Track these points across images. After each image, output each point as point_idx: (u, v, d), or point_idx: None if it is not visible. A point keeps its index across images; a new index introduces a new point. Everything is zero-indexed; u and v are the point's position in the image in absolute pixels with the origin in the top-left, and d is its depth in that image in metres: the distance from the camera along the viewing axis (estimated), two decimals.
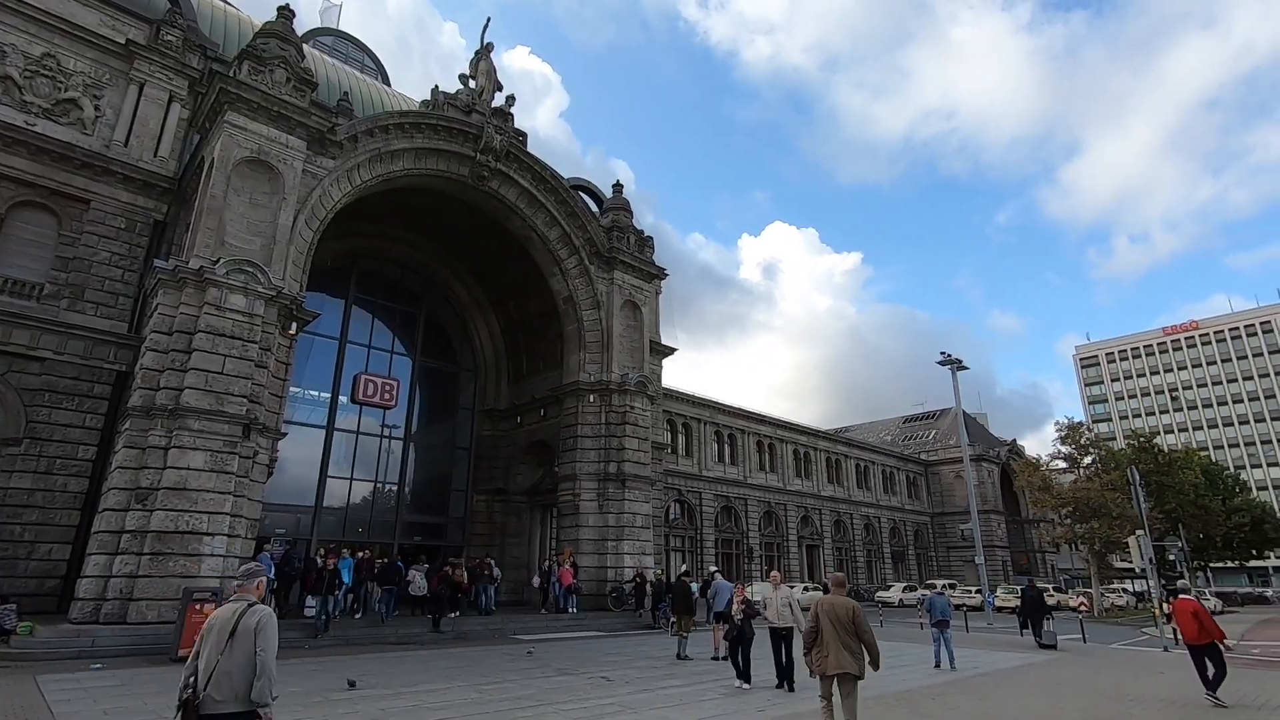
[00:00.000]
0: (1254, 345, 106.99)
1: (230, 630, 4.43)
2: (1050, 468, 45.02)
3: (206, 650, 4.42)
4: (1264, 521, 57.29)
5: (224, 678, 4.33)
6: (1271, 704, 11.02)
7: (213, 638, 4.45)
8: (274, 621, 4.62)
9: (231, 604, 4.66)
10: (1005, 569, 62.14)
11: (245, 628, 4.45)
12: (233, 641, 4.40)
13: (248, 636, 4.43)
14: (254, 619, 4.50)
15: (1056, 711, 10.28)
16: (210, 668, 4.34)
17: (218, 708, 4.28)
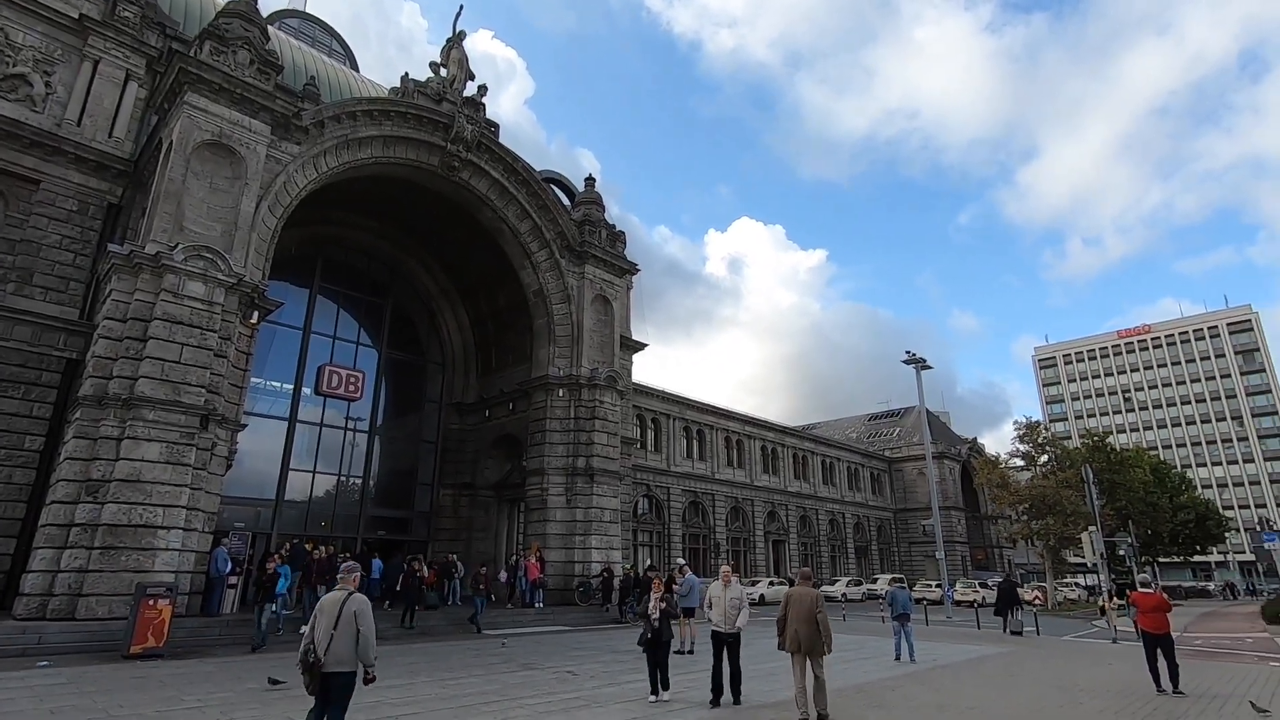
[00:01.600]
0: (1201, 349, 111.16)
1: (337, 613, 5.95)
2: (1008, 465, 46.27)
3: (320, 628, 5.93)
4: (1207, 518, 59.66)
5: (338, 647, 5.88)
6: (1211, 693, 11.50)
7: (324, 619, 5.97)
8: (369, 606, 6.20)
9: (337, 592, 6.18)
10: (964, 564, 63.68)
11: (348, 612, 5.98)
12: (340, 621, 5.92)
13: (350, 619, 5.96)
14: (354, 606, 6.03)
15: (1009, 702, 10.58)
16: (325, 641, 5.88)
17: (336, 668, 5.89)
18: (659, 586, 10.72)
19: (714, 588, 10.01)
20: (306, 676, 5.92)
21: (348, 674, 5.97)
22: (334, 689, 5.93)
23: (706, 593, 10.29)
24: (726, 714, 9.23)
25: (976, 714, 9.51)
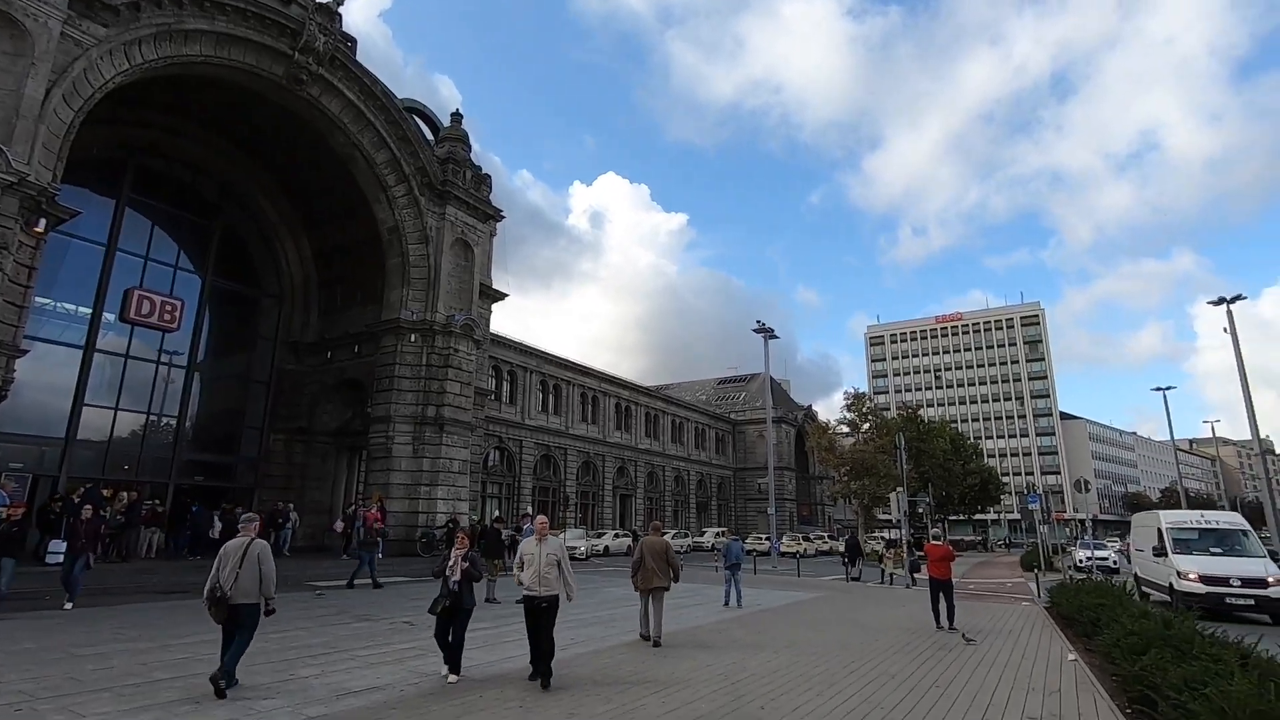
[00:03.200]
0: (999, 338, 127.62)
1: (241, 556, 7.08)
2: (836, 431, 50.80)
3: (226, 569, 7.01)
4: (989, 483, 69.47)
5: (243, 584, 6.98)
6: (975, 628, 13.49)
7: (230, 561, 7.04)
8: (270, 550, 7.43)
9: (239, 539, 7.27)
10: (792, 519, 69.56)
11: (251, 555, 7.11)
12: (244, 562, 7.05)
13: (254, 560, 7.11)
14: (256, 550, 7.19)
15: (818, 638, 11.78)
16: (231, 579, 6.95)
17: (242, 600, 6.99)
18: (463, 542, 8.28)
19: (526, 543, 8.27)
20: (214, 609, 6.99)
21: (252, 605, 7.11)
22: (242, 617, 7.05)
23: (518, 550, 8.45)
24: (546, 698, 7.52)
25: (788, 649, 10.49)
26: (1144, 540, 20.12)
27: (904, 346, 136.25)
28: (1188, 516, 19.83)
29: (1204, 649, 6.92)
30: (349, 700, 6.95)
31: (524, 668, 8.23)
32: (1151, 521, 19.99)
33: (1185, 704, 5.20)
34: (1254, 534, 18.08)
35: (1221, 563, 16.17)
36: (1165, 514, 20.12)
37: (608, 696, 7.33)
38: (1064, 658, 10.43)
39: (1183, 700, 5.29)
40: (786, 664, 9.45)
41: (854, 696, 7.68)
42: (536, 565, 7.88)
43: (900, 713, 7.06)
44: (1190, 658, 6.54)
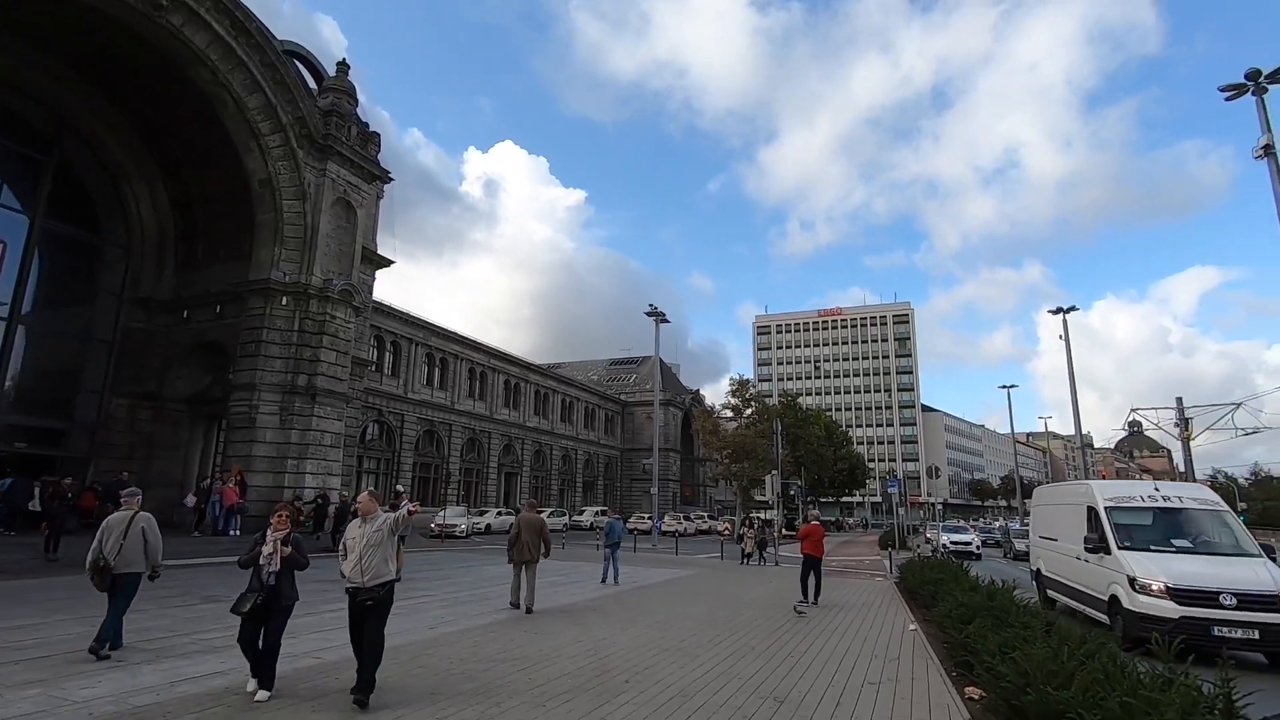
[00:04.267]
0: (874, 334, 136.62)
1: (126, 528, 7.42)
2: (720, 416, 52.60)
3: (110, 540, 7.33)
4: (856, 468, 74.54)
5: (126, 554, 7.36)
6: (834, 602, 14.47)
7: (114, 532, 7.38)
8: (154, 521, 7.79)
9: (123, 512, 7.59)
10: (675, 500, 71.53)
11: (135, 527, 7.48)
12: (129, 534, 7.40)
13: (138, 532, 7.49)
14: (141, 523, 7.56)
15: (688, 614, 12.21)
16: (115, 549, 7.30)
17: (125, 569, 7.35)
18: (281, 522, 6.51)
19: (351, 526, 6.52)
20: (97, 578, 7.33)
21: (135, 574, 7.48)
22: (123, 586, 7.41)
23: (344, 535, 6.60)
24: None
25: (658, 625, 10.80)
26: (1054, 525, 14.71)
27: (789, 337, 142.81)
28: (1136, 490, 13.01)
29: (1018, 618, 7.77)
30: (184, 687, 6.44)
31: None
32: (1073, 496, 14.01)
33: (996, 666, 5.84)
34: (1235, 517, 12.66)
35: (1201, 568, 10.62)
36: (1099, 485, 13.32)
37: (472, 674, 7.24)
38: (906, 628, 11.39)
39: (994, 663, 5.94)
40: (655, 638, 9.71)
41: (715, 668, 8.02)
42: (358, 552, 6.21)
43: (756, 682, 7.45)
44: (1006, 626, 7.33)
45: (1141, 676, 4.99)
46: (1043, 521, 16.14)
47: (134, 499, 7.81)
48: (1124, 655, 5.80)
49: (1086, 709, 4.33)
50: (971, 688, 7.06)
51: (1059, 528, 14.40)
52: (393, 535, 6.40)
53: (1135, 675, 5.04)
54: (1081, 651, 5.68)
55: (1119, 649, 6.26)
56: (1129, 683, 4.79)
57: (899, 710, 6.56)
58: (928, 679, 7.86)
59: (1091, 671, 5.00)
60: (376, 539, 6.24)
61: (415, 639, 9.02)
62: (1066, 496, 14.90)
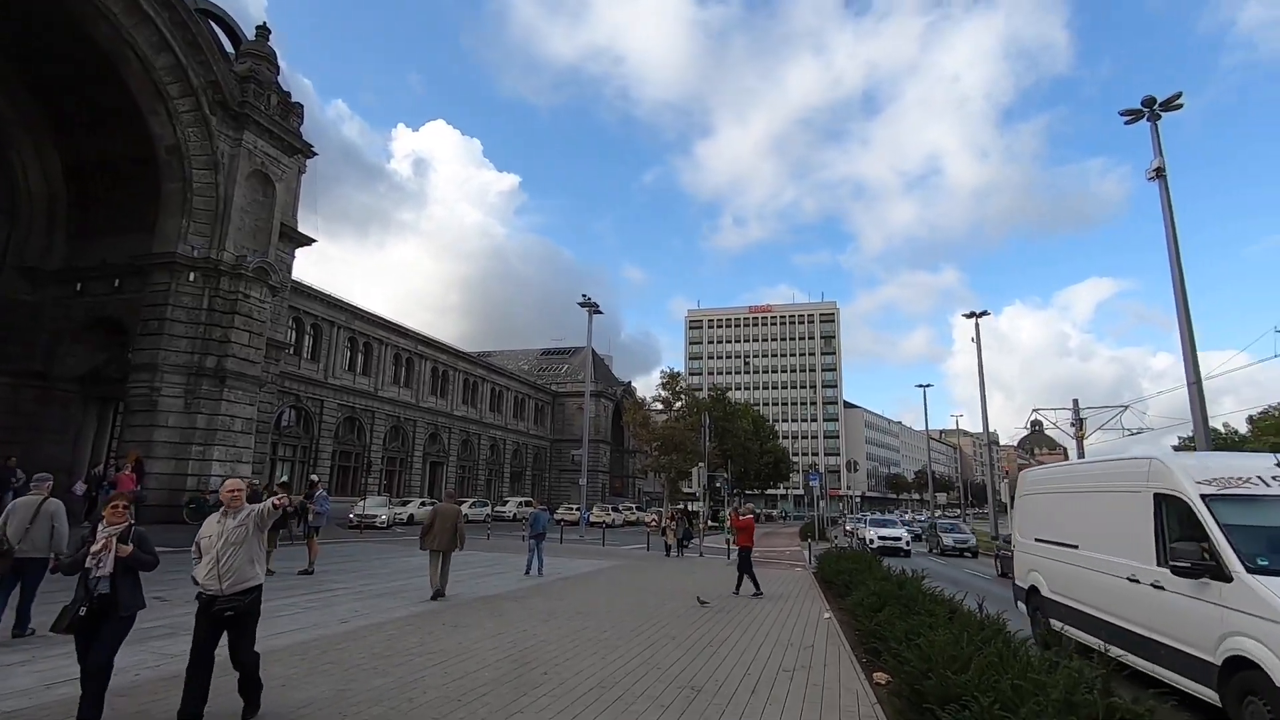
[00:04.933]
0: (801, 331, 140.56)
1: (34, 513, 7.49)
2: (651, 408, 52.95)
3: (15, 523, 7.37)
4: (781, 462, 76.61)
5: (33, 539, 7.41)
6: (762, 593, 14.80)
7: (19, 516, 7.44)
8: (64, 508, 7.80)
9: (32, 497, 7.70)
10: (604, 491, 71.66)
11: (45, 512, 7.56)
12: (36, 519, 7.47)
13: (47, 517, 7.57)
14: (50, 508, 7.63)
15: (610, 604, 12.24)
16: (20, 533, 7.34)
17: (29, 554, 7.39)
18: (117, 514, 5.17)
19: (208, 522, 5.43)
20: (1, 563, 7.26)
21: (38, 560, 7.43)
22: (28, 572, 7.51)
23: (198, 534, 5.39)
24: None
25: (580, 616, 10.77)
26: (1069, 523, 9.76)
27: (720, 332, 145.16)
28: (1248, 466, 7.49)
29: (925, 606, 8.15)
30: (64, 689, 5.96)
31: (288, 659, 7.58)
32: (1119, 479, 8.62)
33: (902, 652, 6.09)
34: None
35: None
36: (1179, 461, 8.05)
37: (385, 669, 7.00)
38: (821, 616, 11.78)
39: (901, 649, 6.20)
40: (576, 630, 9.68)
41: (635, 658, 8.05)
42: (214, 551, 5.18)
43: (675, 671, 7.52)
44: (913, 613, 7.67)
45: (1032, 660, 5.31)
46: (1043, 517, 10.69)
47: (44, 484, 7.89)
48: (1017, 639, 6.16)
49: (981, 691, 4.56)
50: (879, 673, 7.35)
51: (1082, 527, 9.29)
52: (260, 531, 5.41)
53: (1026, 659, 5.35)
54: (980, 637, 6.00)
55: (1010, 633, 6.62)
56: (1020, 666, 5.09)
57: (810, 696, 6.76)
58: (839, 665, 8.15)
59: (987, 656, 5.28)
60: (238, 536, 5.21)
61: (326, 633, 8.67)
62: (1104, 479, 9.09)
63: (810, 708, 6.38)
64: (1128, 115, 21.90)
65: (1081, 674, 4.75)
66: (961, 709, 4.50)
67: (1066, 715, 4.12)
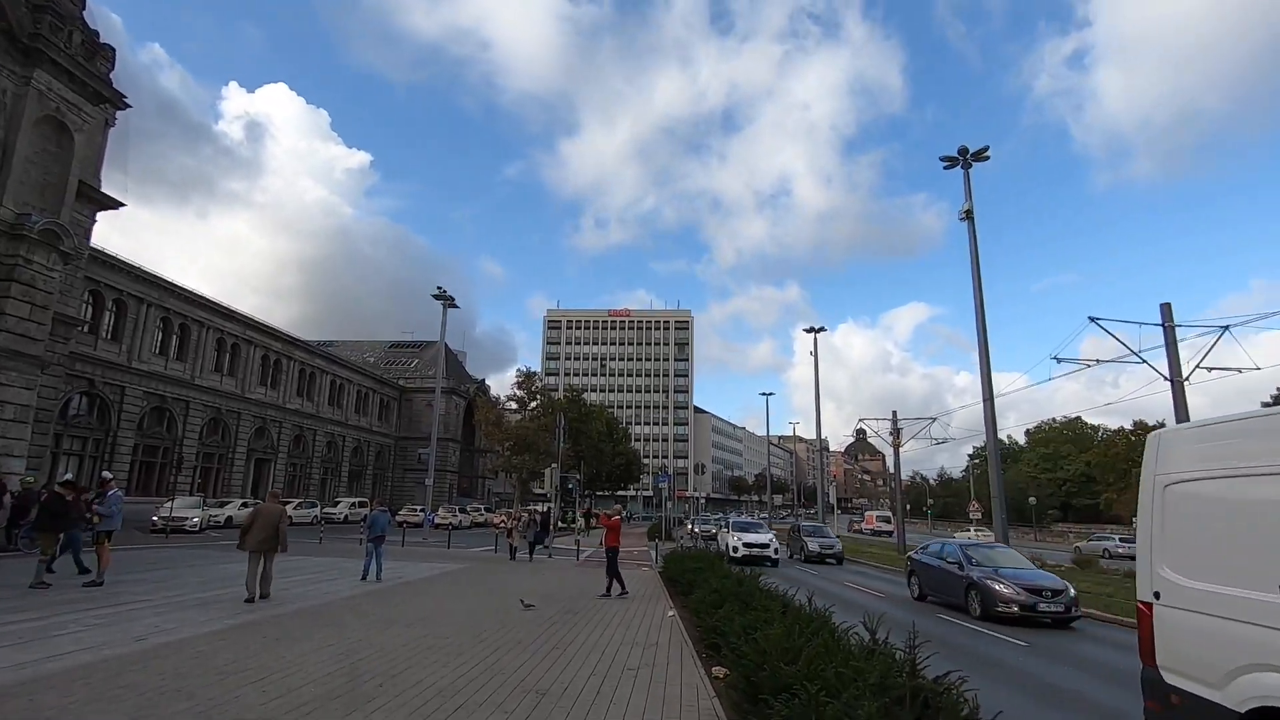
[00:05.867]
0: (657, 337, 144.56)
1: None
2: (505, 407, 51.97)
3: None
4: (633, 463, 78.27)
5: None
6: (599, 591, 14.95)
7: None
8: None
9: None
10: (451, 491, 69.16)
11: None
12: None
13: None
14: None
15: (456, 610, 11.81)
16: None
17: None
18: None
19: None
20: None
21: None
22: None
23: None
24: None
25: (422, 622, 10.29)
26: None
27: (578, 333, 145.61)
28: None
29: (761, 602, 8.64)
30: None
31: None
32: None
33: (739, 646, 6.43)
34: None
35: None
36: None
37: (191, 691, 6.25)
38: (665, 615, 12.13)
39: (738, 644, 6.53)
40: (417, 637, 9.23)
41: (479, 664, 7.81)
42: None
43: (520, 676, 7.39)
44: (750, 609, 8.11)
45: (853, 648, 5.81)
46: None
47: None
48: (841, 630, 6.72)
49: (809, 680, 4.92)
50: (718, 667, 7.70)
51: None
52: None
53: (848, 647, 5.85)
54: (810, 629, 6.46)
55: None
56: (843, 654, 5.55)
57: (653, 693, 6.92)
58: (681, 662, 8.43)
59: (815, 647, 5.71)
60: None
61: (118, 654, 7.58)
62: None
63: (653, 705, 6.54)
64: (946, 161, 24.80)
65: (894, 660, 5.26)
66: (791, 697, 4.81)
67: (880, 695, 4.53)
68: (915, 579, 17.50)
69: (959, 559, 15.51)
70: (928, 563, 16.93)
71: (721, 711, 6.33)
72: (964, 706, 4.52)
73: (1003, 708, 5.04)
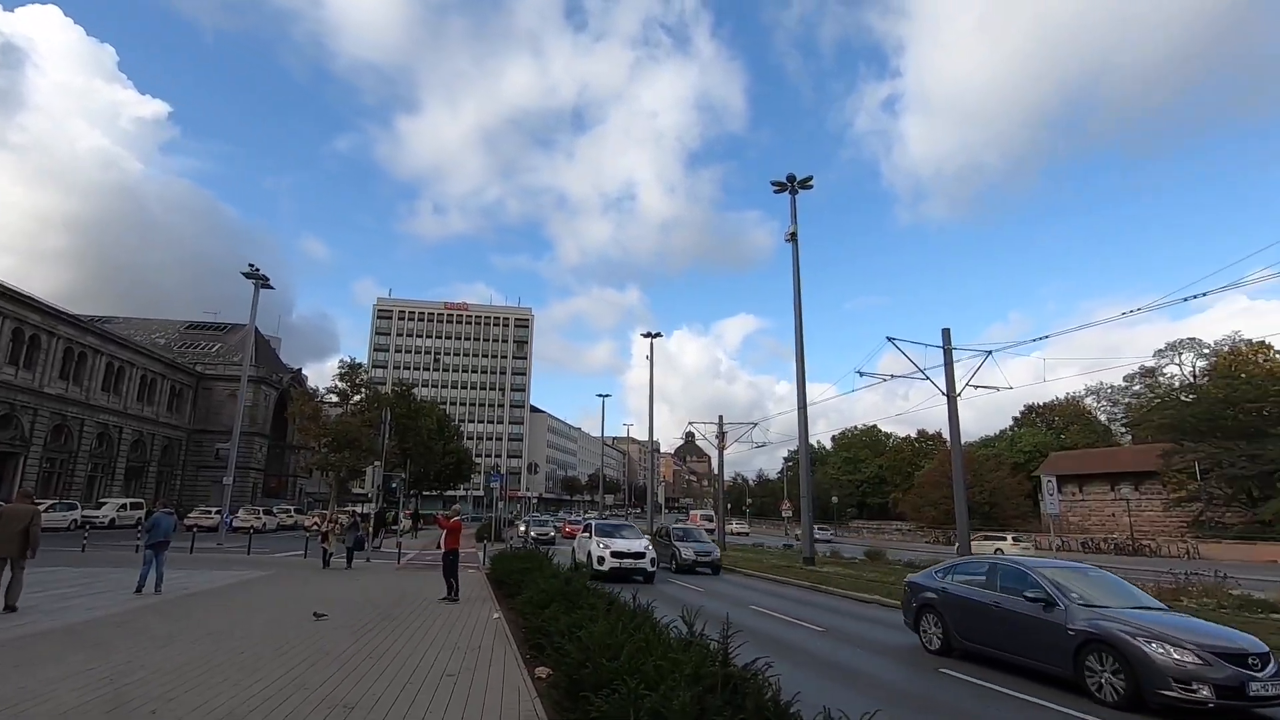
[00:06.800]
0: (496, 334, 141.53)
1: None
2: (324, 400, 48.04)
3: None
4: (464, 462, 75.89)
5: None
6: (430, 597, 14.29)
7: None
8: None
9: None
10: (256, 491, 62.59)
11: None
12: None
13: None
14: None
15: (254, 622, 10.70)
16: None
17: None
18: None
19: None
20: None
21: None
22: None
23: None
24: None
25: (211, 637, 9.20)
26: None
27: (411, 325, 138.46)
28: None
29: (587, 600, 8.76)
30: None
31: None
32: None
33: (563, 645, 6.47)
34: None
35: None
36: None
37: None
38: (490, 617, 11.88)
39: (563, 642, 6.57)
40: (204, 654, 8.22)
41: (279, 680, 7.14)
42: None
43: (327, 689, 6.85)
44: (577, 608, 8.19)
45: (672, 641, 6.07)
46: None
47: None
48: (662, 625, 6.99)
49: (629, 674, 5.07)
50: (541, 668, 7.68)
51: None
52: None
53: (667, 641, 6.11)
54: (632, 625, 6.66)
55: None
56: (662, 647, 5.78)
57: (473, 698, 6.74)
58: (504, 664, 8.29)
59: (636, 642, 5.89)
60: None
61: None
62: None
63: (471, 710, 6.37)
64: (776, 186, 26.79)
65: (709, 650, 5.58)
66: (612, 692, 4.93)
67: (694, 685, 4.78)
68: (934, 619, 10.88)
69: (1046, 592, 9.06)
70: (968, 597, 10.31)
71: (542, 712, 6.32)
72: (768, 689, 4.89)
73: None
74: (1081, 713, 7.55)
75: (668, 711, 4.42)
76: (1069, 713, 7.57)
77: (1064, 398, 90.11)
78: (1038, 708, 7.78)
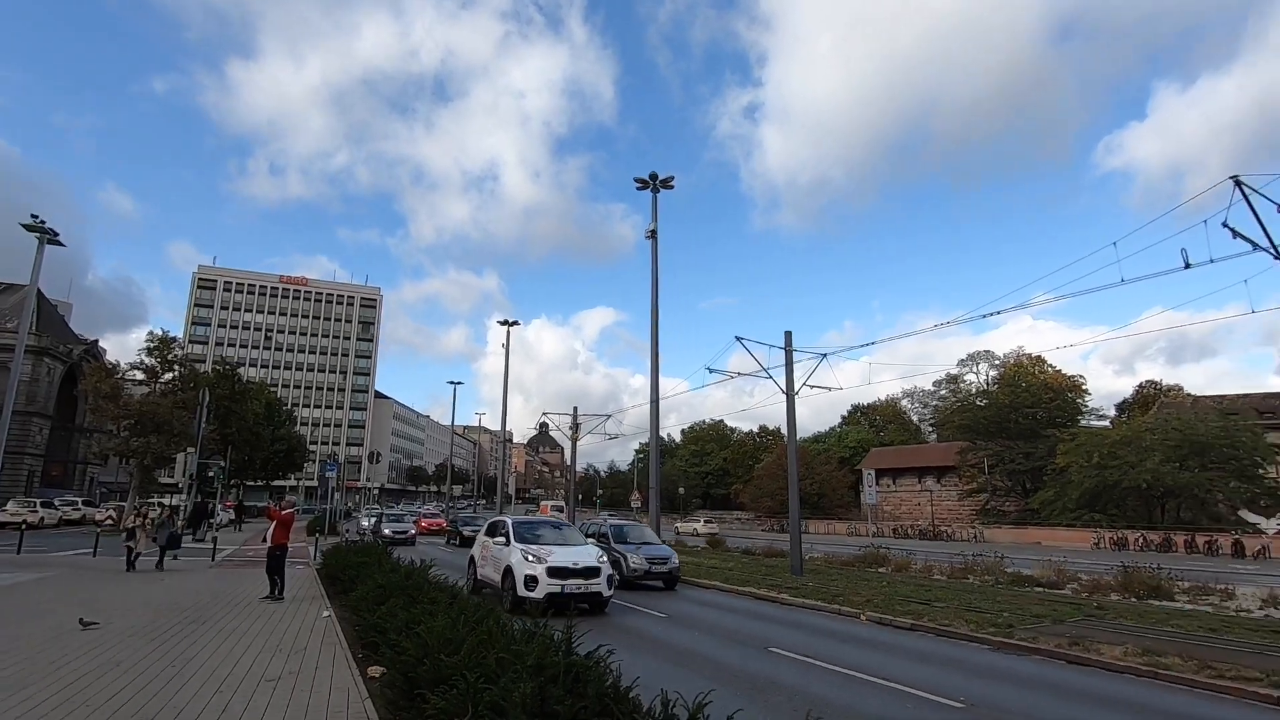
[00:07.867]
0: (339, 313, 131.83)
1: None
2: (127, 377, 42.18)
3: None
4: (296, 450, 70.17)
5: None
6: (249, 598, 13.07)
7: None
8: None
9: None
10: (32, 479, 53.80)
11: None
12: None
13: None
14: None
15: (23, 632, 9.22)
16: None
17: None
18: None
19: None
20: None
21: None
22: None
23: None
24: None
25: None
26: None
27: (239, 298, 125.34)
28: None
29: (428, 595, 8.43)
30: None
31: None
32: None
33: (400, 642, 6.18)
34: None
35: None
36: None
37: None
38: (320, 615, 11.09)
39: (399, 639, 6.28)
40: None
41: (52, 699, 6.20)
42: None
43: (117, 703, 6.06)
44: (416, 603, 7.85)
45: (515, 633, 6.00)
46: None
47: None
48: (506, 617, 6.90)
49: (470, 669, 4.95)
50: (374, 667, 7.29)
51: None
52: None
53: (510, 633, 6.03)
54: (474, 619, 6.50)
55: (503, 613, 7.41)
56: (505, 640, 5.70)
57: (295, 702, 6.27)
58: (333, 666, 7.78)
59: (478, 635, 5.76)
60: None
61: None
62: None
63: (293, 715, 5.92)
64: (639, 183, 27.30)
65: (552, 640, 5.58)
66: (450, 688, 4.79)
67: (536, 676, 4.77)
68: None
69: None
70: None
71: (373, 712, 6.02)
72: (609, 676, 4.99)
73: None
74: None
75: (508, 704, 4.37)
76: None
77: (884, 399, 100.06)
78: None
